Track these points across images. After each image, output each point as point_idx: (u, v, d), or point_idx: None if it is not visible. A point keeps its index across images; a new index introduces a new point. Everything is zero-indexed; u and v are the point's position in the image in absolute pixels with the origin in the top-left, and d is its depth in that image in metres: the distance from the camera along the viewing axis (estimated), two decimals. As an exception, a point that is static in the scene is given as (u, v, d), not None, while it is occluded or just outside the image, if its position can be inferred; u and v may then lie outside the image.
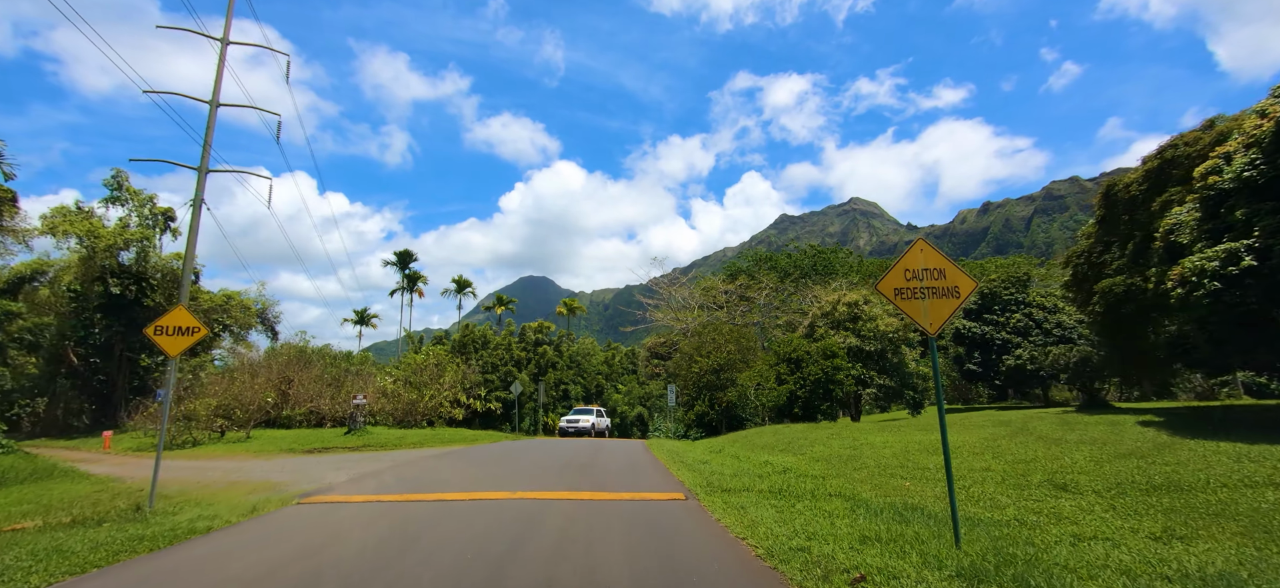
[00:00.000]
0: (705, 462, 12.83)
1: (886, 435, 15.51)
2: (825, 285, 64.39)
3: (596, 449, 17.87)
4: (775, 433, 20.05)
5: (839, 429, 18.81)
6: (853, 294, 41.12)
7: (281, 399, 28.69)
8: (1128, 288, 18.34)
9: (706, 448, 18.80)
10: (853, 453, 12.44)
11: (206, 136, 31.69)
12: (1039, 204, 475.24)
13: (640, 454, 16.21)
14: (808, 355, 35.65)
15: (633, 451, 17.64)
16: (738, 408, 33.26)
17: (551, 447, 19.19)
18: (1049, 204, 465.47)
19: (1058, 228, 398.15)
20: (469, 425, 40.88)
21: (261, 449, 20.39)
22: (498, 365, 44.15)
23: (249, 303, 36.10)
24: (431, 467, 12.21)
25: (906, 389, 35.51)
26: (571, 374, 48.24)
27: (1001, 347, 38.66)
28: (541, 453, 15.69)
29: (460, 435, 25.24)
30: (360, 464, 13.89)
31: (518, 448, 18.03)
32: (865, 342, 36.71)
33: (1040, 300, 39.12)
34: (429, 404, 31.34)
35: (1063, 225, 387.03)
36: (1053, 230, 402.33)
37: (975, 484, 8.46)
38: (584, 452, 16.35)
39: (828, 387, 33.85)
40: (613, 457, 14.96)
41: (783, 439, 17.58)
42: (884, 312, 40.54)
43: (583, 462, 12.98)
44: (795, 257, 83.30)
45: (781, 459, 12.50)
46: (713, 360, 34.58)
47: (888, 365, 36.32)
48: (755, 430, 23.67)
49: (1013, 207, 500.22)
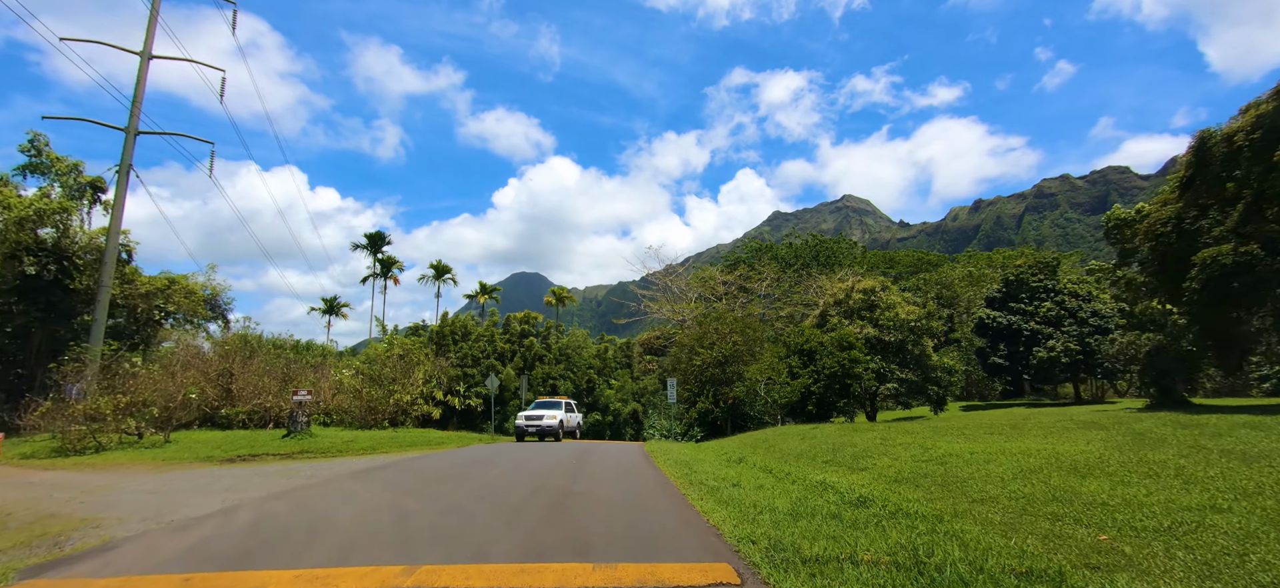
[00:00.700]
0: (733, 482, 9.18)
1: (955, 442, 11.97)
2: (830, 275, 61.15)
3: (582, 459, 14.18)
4: (802, 436, 16.47)
5: (879, 431, 15.26)
6: (868, 281, 37.69)
7: (224, 396, 24.79)
8: (1237, 259, 14.93)
9: (721, 456, 15.19)
10: (941, 471, 8.86)
11: (136, 92, 27.61)
12: (1030, 202, 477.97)
13: (640, 467, 12.56)
14: (821, 347, 32.19)
15: (629, 462, 13.99)
16: (746, 405, 29.74)
17: (525, 456, 15.46)
18: (1040, 202, 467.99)
19: (1048, 226, 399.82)
20: (445, 425, 37.05)
21: (171, 457, 16.56)
22: (479, 358, 40.35)
23: (195, 287, 32.05)
24: (329, 499, 8.48)
25: (930, 384, 32.14)
26: (561, 368, 44.57)
27: (1031, 338, 35.39)
28: (507, 467, 11.98)
29: (424, 439, 21.48)
30: (248, 485, 10.14)
31: (482, 458, 14.30)
32: (883, 332, 33.31)
33: (1072, 287, 35.86)
34: (397, 401, 27.52)
35: (1053, 223, 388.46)
36: (1043, 228, 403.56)
37: (1206, 532, 4.99)
38: (564, 464, 12.66)
39: (845, 381, 30.42)
40: (603, 472, 11.28)
41: (817, 445, 13.99)
42: (904, 299, 37.15)
43: (560, 485, 9.29)
44: (796, 246, 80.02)
45: (842, 479, 8.89)
46: (716, 352, 31.02)
47: (908, 358, 32.94)
48: (773, 432, 20.11)
49: (1004, 204, 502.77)
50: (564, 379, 44.32)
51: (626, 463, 13.33)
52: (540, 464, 12.69)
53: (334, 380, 24.72)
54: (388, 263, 48.28)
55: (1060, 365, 32.87)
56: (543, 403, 25.78)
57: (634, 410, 46.01)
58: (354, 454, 16.76)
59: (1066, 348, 32.79)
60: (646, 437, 49.64)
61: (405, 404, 35.54)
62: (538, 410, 24.83)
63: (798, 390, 28.47)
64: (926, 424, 17.33)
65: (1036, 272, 37.19)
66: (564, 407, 25.26)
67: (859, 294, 35.82)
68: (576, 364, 45.85)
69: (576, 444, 22.43)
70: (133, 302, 31.25)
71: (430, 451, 17.74)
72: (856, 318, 34.70)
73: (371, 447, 18.11)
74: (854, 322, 34.25)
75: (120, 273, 31.21)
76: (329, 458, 15.80)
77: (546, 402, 25.89)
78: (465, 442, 22.04)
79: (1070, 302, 34.72)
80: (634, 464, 12.98)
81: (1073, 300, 34.77)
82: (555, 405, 25.27)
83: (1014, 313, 36.48)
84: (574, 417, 26.79)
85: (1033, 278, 36.90)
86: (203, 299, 31.91)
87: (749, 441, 19.12)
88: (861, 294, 35.77)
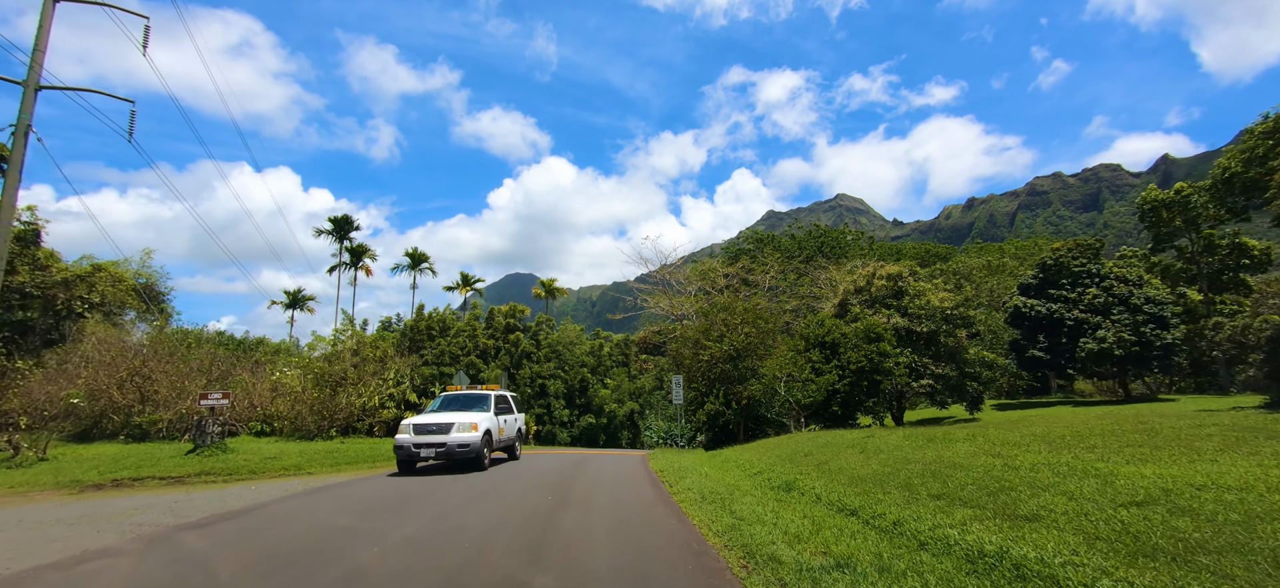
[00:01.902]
0: (823, 549, 5.09)
1: (1123, 464, 8.03)
2: (838, 266, 57.31)
3: (562, 492, 10.09)
4: (858, 448, 12.47)
5: (967, 443, 11.31)
6: (892, 265, 33.87)
7: (140, 400, 20.50)
8: None
9: (756, 478, 11.19)
10: (1186, 531, 4.84)
11: (38, 38, 23.20)
12: (1023, 199, 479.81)
13: (649, 505, 8.52)
14: (844, 339, 28.23)
15: (634, 497, 9.93)
16: (762, 406, 25.81)
17: (475, 491, 11.36)
18: (1032, 200, 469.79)
19: (1041, 223, 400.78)
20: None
21: (30, 482, 12.36)
22: (458, 356, 36.14)
23: (124, 274, 27.66)
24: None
25: (968, 380, 28.31)
26: (551, 367, 40.44)
27: (1075, 328, 31.65)
28: (433, 520, 7.84)
29: (373, 452, 17.34)
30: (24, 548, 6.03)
31: (416, 492, 10.17)
32: (914, 321, 29.46)
33: (1120, 272, 32.16)
34: (354, 405, 23.30)
35: (1046, 220, 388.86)
36: (1036, 225, 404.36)
37: None
38: (531, 508, 8.55)
39: (873, 377, 26.51)
40: (591, 528, 7.22)
41: (894, 465, 10.01)
42: (934, 285, 33.35)
43: (523, 548, 5.22)
44: (799, 237, 76.29)
45: (1024, 546, 4.83)
46: (725, 346, 27.02)
47: (941, 350, 29.10)
48: (804, 440, 16.12)
49: (997, 202, 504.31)
50: (554, 379, 40.23)
51: (628, 498, 9.25)
52: (500, 504, 8.60)
53: (273, 382, 20.50)
54: (358, 252, 43.57)
55: (1113, 358, 29.15)
56: (453, 400, 14.58)
57: (631, 411, 41.92)
58: (269, 477, 12.62)
59: (1120, 338, 29.08)
60: (645, 442, 45.65)
61: (370, 408, 31.28)
62: (441, 414, 13.69)
63: (823, 388, 24.55)
64: (991, 428, 13.42)
65: (1078, 255, 33.49)
66: (493, 405, 14.24)
67: (883, 281, 31.95)
68: (568, 362, 41.77)
69: (564, 459, 18.39)
70: (50, 292, 26.84)
71: (370, 471, 13.62)
72: (881, 307, 30.85)
73: (296, 466, 13.95)
74: (879, 311, 30.41)
75: (32, 258, 26.81)
76: (228, 484, 11.66)
77: (459, 398, 14.63)
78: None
79: (1119, 288, 31.03)
80: (642, 503, 8.88)
81: (1122, 287, 31.08)
82: (474, 402, 14.29)
83: (1054, 300, 32.76)
84: (512, 421, 15.33)
85: (1074, 262, 33.20)
86: (132, 288, 27.54)
87: (778, 452, 15.11)
88: (886, 281, 31.90)
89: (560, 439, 38.25)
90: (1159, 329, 29.24)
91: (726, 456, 18.65)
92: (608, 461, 17.02)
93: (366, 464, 14.64)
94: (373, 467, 14.30)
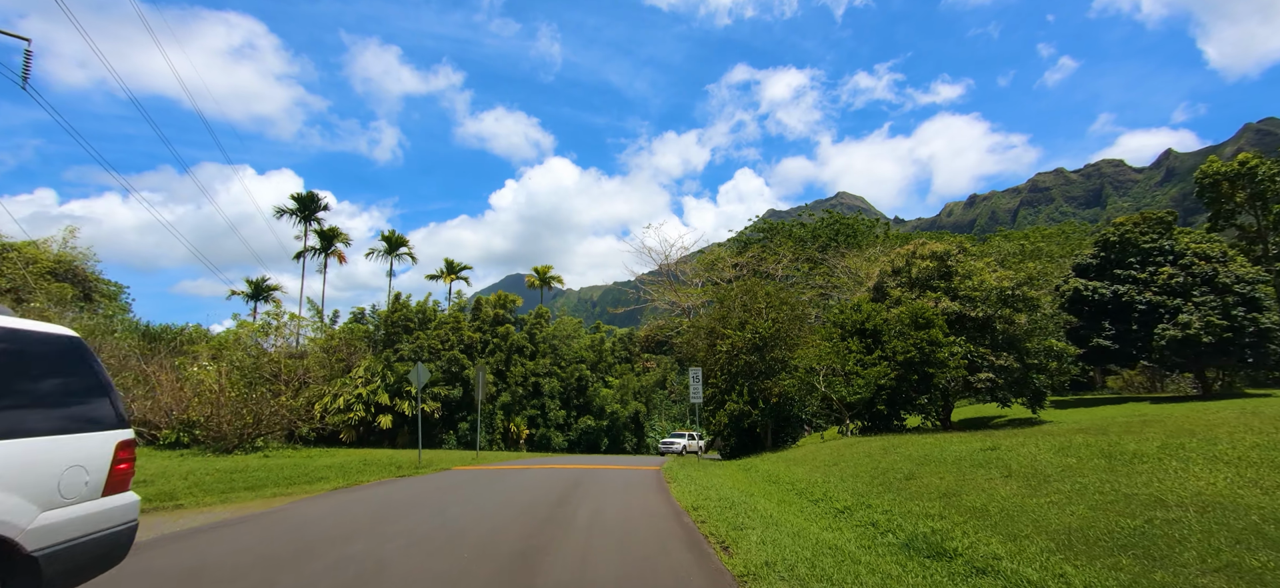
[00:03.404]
0: None
1: None
2: (858, 253, 53.10)
3: (528, 560, 5.74)
4: (987, 465, 8.22)
5: (1156, 457, 7.12)
6: (936, 243, 29.65)
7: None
8: None
9: (861, 525, 6.99)
10: None
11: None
12: (1025, 196, 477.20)
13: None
14: (886, 325, 24.08)
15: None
16: (795, 405, 21.64)
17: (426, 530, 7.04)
18: (1034, 196, 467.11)
19: (1043, 219, 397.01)
20: (395, 437, 28.58)
21: None
22: (440, 350, 31.88)
23: (39, 255, 23.41)
24: None
25: (1033, 372, 24.08)
26: (546, 363, 36.18)
27: (1148, 312, 27.42)
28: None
29: (304, 469, 13.11)
30: None
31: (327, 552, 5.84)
32: (967, 305, 25.23)
33: (1200, 248, 27.92)
34: (294, 407, 19.02)
35: (1048, 217, 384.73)
36: (1038, 221, 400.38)
37: None
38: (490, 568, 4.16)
39: (924, 370, 22.33)
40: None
41: (1082, 499, 5.78)
42: (988, 263, 29.14)
43: None
44: (812, 225, 71.97)
45: None
46: (749, 333, 22.79)
47: (999, 339, 24.86)
48: (877, 446, 11.89)
49: (999, 198, 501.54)
50: (550, 377, 36.01)
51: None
52: None
53: (193, 381, 16.25)
54: (329, 236, 39.05)
55: (1200, 347, 24.92)
56: None
57: (636, 412, 37.68)
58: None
59: (1207, 323, 24.85)
60: (650, 446, 41.41)
61: (334, 411, 27.03)
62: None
63: (872, 383, 20.34)
64: (1168, 433, 9.23)
65: (1148, 229, 29.24)
66: None
67: (926, 260, 27.72)
68: (566, 358, 37.56)
69: (547, 479, 14.21)
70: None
71: (280, 502, 9.37)
72: (926, 290, 26.64)
73: (167, 497, 9.69)
74: (924, 295, 26.20)
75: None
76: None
77: None
78: (373, 466, 13.59)
79: (1200, 265, 26.81)
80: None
81: (1203, 264, 26.87)
82: None
83: (1121, 282, 28.54)
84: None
85: (1144, 237, 28.97)
86: (48, 269, 23.27)
87: (845, 468, 10.88)
88: (930, 260, 27.67)
89: (556, 444, 34.02)
90: (1252, 312, 25.06)
91: (764, 469, 14.40)
92: (610, 482, 12.76)
93: (284, 492, 10.37)
94: (292, 495, 10.04)
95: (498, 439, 31.88)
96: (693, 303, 45.88)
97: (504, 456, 22.65)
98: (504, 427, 32.46)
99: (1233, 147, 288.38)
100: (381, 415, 28.29)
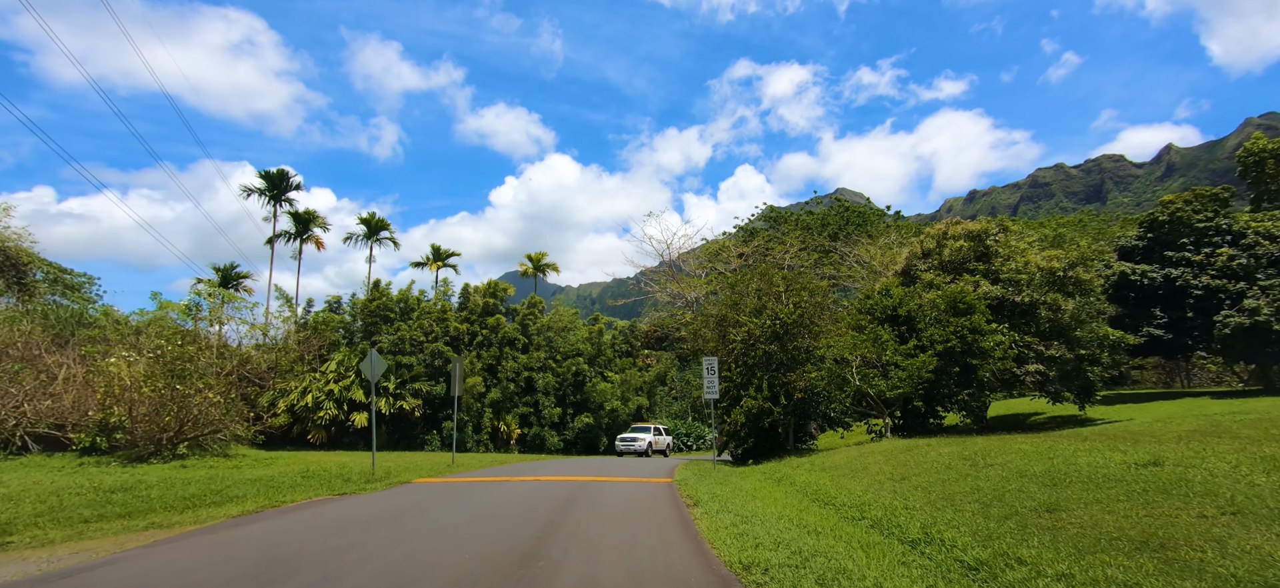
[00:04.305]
0: None
1: None
2: (870, 242, 50.40)
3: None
4: (1123, 490, 5.45)
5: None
6: (971, 222, 26.89)
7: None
8: None
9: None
10: None
11: None
12: (1025, 192, 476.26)
13: None
14: (921, 311, 21.39)
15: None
16: (824, 401, 18.88)
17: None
18: (1034, 192, 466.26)
19: (1043, 215, 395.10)
20: (361, 442, 25.73)
21: None
22: (423, 343, 29.04)
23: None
24: None
25: (1087, 365, 21.37)
26: (541, 357, 33.38)
27: (1206, 298, 24.72)
28: None
29: (221, 488, 10.31)
30: None
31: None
32: (1011, 289, 22.50)
33: (1263, 227, 25.21)
34: (233, 405, 16.15)
35: (1048, 212, 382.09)
36: (1038, 217, 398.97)
37: None
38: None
39: (966, 361, 19.63)
40: None
41: None
42: (1031, 242, 26.39)
43: None
44: (820, 213, 69.28)
45: None
46: (765, 319, 19.96)
47: (1044, 327, 22.13)
48: (950, 454, 9.16)
49: (999, 194, 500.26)
50: (544, 371, 33.21)
51: None
52: None
53: (106, 375, 13.37)
54: (304, 219, 35.89)
55: (1271, 334, 22.23)
56: None
57: (639, 408, 34.91)
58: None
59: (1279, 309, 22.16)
60: (655, 439, 38.56)
61: (301, 410, 24.22)
62: None
63: (915, 375, 17.61)
64: None
65: (1202, 207, 26.51)
66: None
67: (961, 241, 24.98)
68: (562, 351, 34.77)
69: (542, 490, 11.48)
70: None
71: (148, 538, 6.60)
72: (961, 273, 23.90)
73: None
74: (959, 278, 23.47)
75: None
76: None
77: None
78: (313, 479, 10.77)
79: (1266, 246, 24.11)
80: None
81: (1268, 244, 24.17)
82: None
83: (1173, 265, 25.83)
84: None
85: (1197, 217, 26.26)
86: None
87: (957, 494, 8.14)
88: (965, 240, 24.93)
89: (550, 444, 31.24)
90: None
91: (802, 482, 11.66)
92: (610, 505, 10.01)
93: (175, 521, 7.57)
94: (171, 527, 7.24)
95: (485, 440, 29.08)
96: (697, 293, 43.14)
97: (488, 459, 19.87)
98: (492, 426, 29.67)
99: (1233, 141, 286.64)
100: (356, 414, 25.48)
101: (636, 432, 27.63)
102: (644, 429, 27.99)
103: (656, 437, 27.96)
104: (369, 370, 11.95)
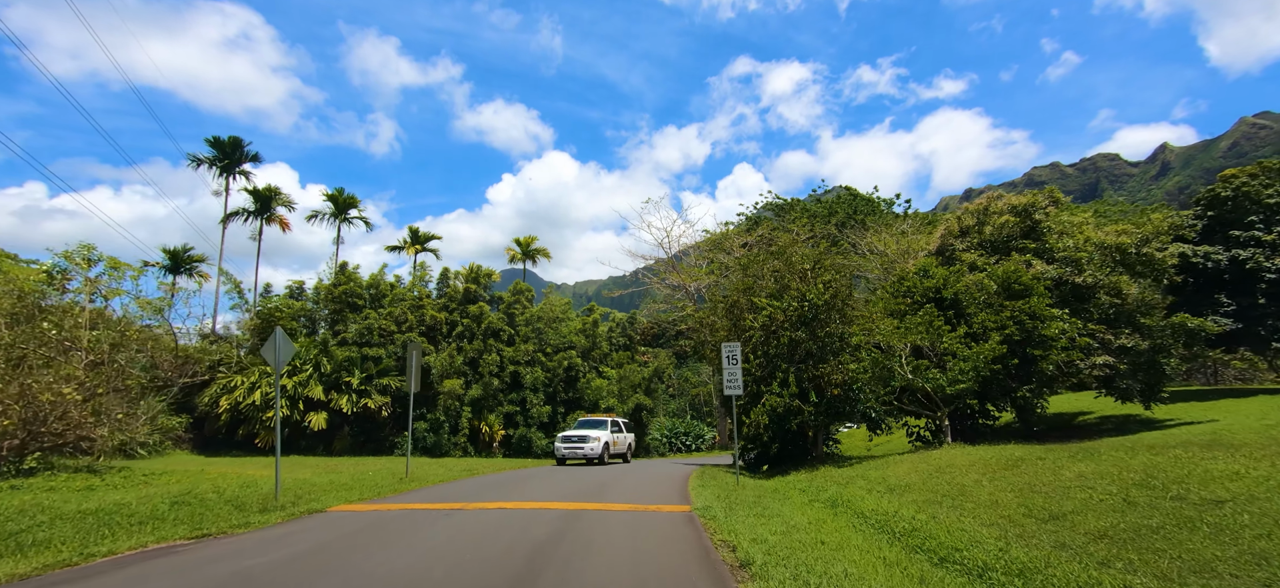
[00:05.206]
0: None
1: None
2: (881, 232, 47.48)
3: None
4: None
5: None
6: (1015, 196, 23.93)
7: None
8: None
9: None
10: None
11: None
12: (1020, 190, 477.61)
13: None
14: (969, 294, 18.36)
15: None
16: (865, 398, 15.79)
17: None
18: (1031, 190, 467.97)
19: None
20: (331, 440, 22.45)
21: None
22: (395, 333, 25.78)
23: None
24: None
25: (1161, 356, 18.40)
26: (529, 350, 30.20)
27: (1279, 282, 21.83)
28: None
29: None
30: None
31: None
32: (1070, 269, 19.51)
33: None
34: (96, 403, 12.87)
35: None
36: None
37: None
38: None
39: (1027, 352, 16.62)
40: None
41: None
42: (1085, 217, 23.45)
43: None
44: (828, 201, 66.34)
45: None
46: (787, 305, 16.78)
47: (1109, 313, 19.14)
48: (1102, 473, 6.14)
49: (994, 193, 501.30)
50: (533, 366, 30.02)
51: None
52: None
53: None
54: (264, 197, 32.15)
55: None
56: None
57: (639, 406, 31.77)
58: None
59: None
60: (651, 446, 35.61)
61: (245, 408, 20.93)
62: None
63: (976, 367, 14.57)
64: None
65: (1271, 181, 23.63)
66: None
67: (1006, 215, 21.99)
68: (553, 344, 31.62)
69: (507, 533, 8.32)
70: None
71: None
72: (1008, 252, 20.90)
73: None
74: (1005, 258, 20.48)
75: None
76: None
77: None
78: (190, 505, 7.57)
79: (1350, 222, 21.28)
80: None
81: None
82: None
83: (1242, 245, 22.97)
84: None
85: (1267, 192, 23.39)
86: None
87: (1161, 548, 5.09)
88: (1010, 215, 21.94)
89: (538, 447, 28.04)
90: None
91: (882, 512, 8.59)
92: (609, 551, 6.87)
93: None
94: None
95: (464, 442, 25.84)
96: (698, 284, 40.14)
97: (456, 470, 16.60)
98: (472, 427, 26.42)
99: (1228, 140, 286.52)
100: (313, 414, 22.21)
101: (586, 428, 20.03)
102: (596, 424, 20.44)
103: (615, 435, 20.74)
104: (273, 355, 8.75)
